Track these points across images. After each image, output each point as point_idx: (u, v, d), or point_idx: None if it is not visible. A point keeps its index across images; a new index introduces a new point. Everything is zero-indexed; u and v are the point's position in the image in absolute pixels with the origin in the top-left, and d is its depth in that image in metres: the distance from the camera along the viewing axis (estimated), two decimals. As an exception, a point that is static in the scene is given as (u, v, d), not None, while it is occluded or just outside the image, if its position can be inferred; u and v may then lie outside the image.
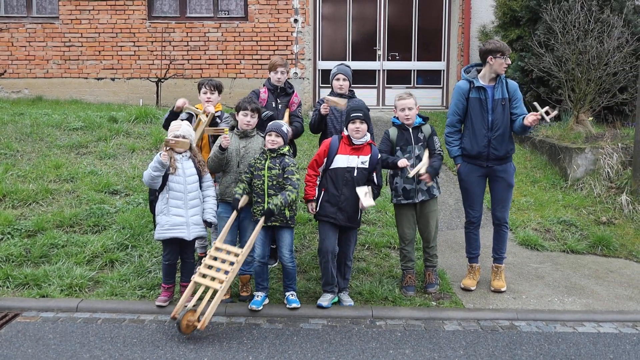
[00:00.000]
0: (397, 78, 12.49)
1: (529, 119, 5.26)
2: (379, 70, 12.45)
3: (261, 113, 5.43)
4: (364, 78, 12.23)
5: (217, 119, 5.59)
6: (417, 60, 12.49)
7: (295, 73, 11.94)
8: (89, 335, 4.64)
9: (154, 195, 5.19)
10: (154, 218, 5.19)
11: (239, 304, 5.27)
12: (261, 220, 4.97)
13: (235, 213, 5.09)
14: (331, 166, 5.22)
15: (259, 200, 5.09)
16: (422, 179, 5.27)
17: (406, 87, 12.20)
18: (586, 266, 6.35)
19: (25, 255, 5.81)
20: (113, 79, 12.08)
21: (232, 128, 5.37)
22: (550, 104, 9.64)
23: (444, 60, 12.46)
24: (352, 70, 6.03)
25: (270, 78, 5.87)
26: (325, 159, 5.25)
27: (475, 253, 5.79)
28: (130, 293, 5.33)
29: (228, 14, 12.09)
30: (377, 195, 5.41)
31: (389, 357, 4.42)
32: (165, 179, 5.00)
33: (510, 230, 6.32)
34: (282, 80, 5.84)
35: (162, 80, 11.25)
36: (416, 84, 12.47)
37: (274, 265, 5.87)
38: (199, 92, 5.64)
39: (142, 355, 4.35)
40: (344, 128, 5.33)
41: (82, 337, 4.60)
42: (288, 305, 5.12)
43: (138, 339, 4.60)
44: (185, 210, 5.03)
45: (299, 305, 5.13)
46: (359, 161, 5.20)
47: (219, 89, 5.67)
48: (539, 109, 5.25)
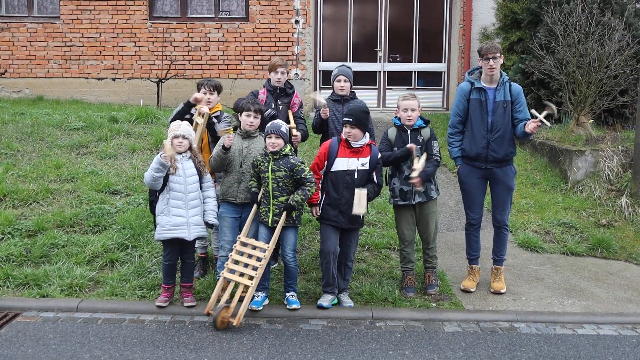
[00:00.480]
0: (398, 79, 12.49)
1: (530, 126, 5.27)
2: (380, 72, 12.46)
3: (263, 112, 5.44)
4: (364, 79, 12.23)
5: (215, 119, 5.59)
6: (418, 62, 12.49)
7: (296, 74, 11.94)
8: (89, 336, 4.64)
9: (154, 195, 5.20)
10: (154, 218, 5.20)
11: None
12: (283, 216, 5.02)
13: (255, 207, 5.15)
14: (331, 169, 5.22)
15: (264, 201, 5.11)
16: (413, 182, 5.26)
17: (407, 89, 12.17)
18: (586, 268, 6.36)
19: (26, 255, 5.81)
20: (114, 79, 12.09)
21: (235, 128, 5.38)
22: (549, 106, 9.67)
23: (445, 62, 12.46)
24: (353, 72, 6.04)
25: (270, 79, 5.87)
26: (326, 161, 5.26)
27: (475, 255, 5.79)
28: (131, 293, 5.33)
29: (229, 15, 12.09)
30: (377, 194, 5.41)
31: (388, 358, 4.42)
32: (165, 180, 5.01)
33: (510, 232, 6.32)
34: (282, 81, 5.84)
35: (163, 80, 11.24)
36: (417, 86, 12.47)
37: (274, 266, 5.87)
38: (199, 93, 5.64)
39: (142, 356, 4.36)
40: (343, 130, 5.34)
41: (82, 337, 4.61)
42: (288, 306, 5.13)
43: (138, 339, 4.60)
44: (185, 211, 5.04)
45: (299, 306, 5.14)
46: (359, 163, 5.19)
47: (218, 89, 5.67)
48: (538, 115, 5.25)
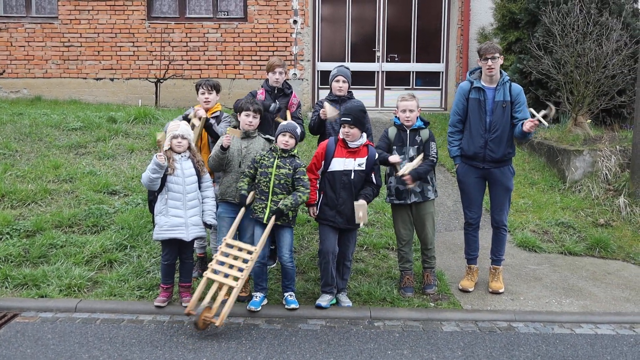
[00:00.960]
0: (396, 79, 12.50)
1: (527, 125, 5.28)
2: (378, 72, 12.46)
3: (265, 111, 5.45)
4: (362, 79, 12.23)
5: (215, 119, 5.60)
6: (416, 62, 12.49)
7: (295, 74, 11.95)
8: (87, 336, 4.64)
9: (153, 195, 5.19)
10: (153, 218, 5.20)
11: (237, 304, 5.26)
12: (272, 220, 4.98)
13: (243, 210, 5.10)
14: (328, 169, 5.22)
15: (262, 197, 5.08)
16: (404, 179, 5.28)
17: (405, 89, 12.17)
18: (584, 268, 6.37)
19: (24, 255, 5.81)
20: (112, 79, 12.08)
21: (235, 128, 5.39)
22: (549, 106, 9.69)
23: (443, 62, 12.46)
24: (351, 72, 6.04)
25: (268, 79, 5.88)
26: (323, 161, 5.26)
27: (473, 254, 5.80)
28: (129, 293, 5.33)
29: (227, 15, 12.10)
30: (377, 195, 5.42)
31: (387, 358, 4.43)
32: (164, 180, 5.01)
33: (508, 232, 6.33)
34: (280, 81, 5.84)
35: (161, 80, 11.24)
36: (415, 86, 12.48)
37: (272, 266, 5.87)
38: (197, 93, 5.66)
39: (141, 356, 4.36)
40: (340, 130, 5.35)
41: (81, 338, 4.61)
42: (287, 306, 5.13)
43: (137, 340, 4.60)
44: (184, 211, 5.04)
45: (298, 306, 5.14)
46: (356, 164, 5.20)
47: (216, 89, 5.68)
48: (536, 114, 5.27)
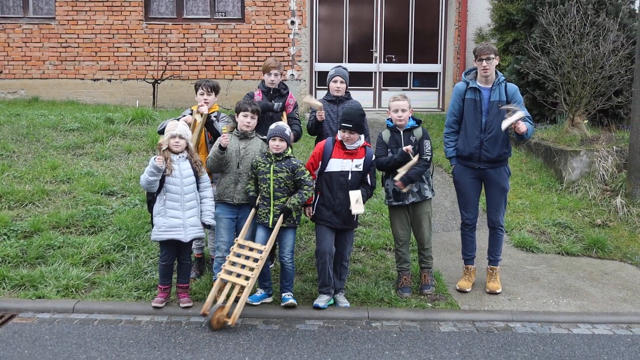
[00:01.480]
0: (394, 80, 12.52)
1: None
2: (376, 73, 12.48)
3: (269, 110, 5.45)
4: (360, 80, 12.24)
5: (214, 119, 5.60)
6: (414, 63, 12.51)
7: (292, 75, 11.95)
8: (85, 337, 4.64)
9: (151, 196, 5.18)
10: (152, 218, 5.20)
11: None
12: (280, 219, 5.02)
13: (253, 210, 5.16)
14: (325, 170, 5.23)
15: (264, 203, 5.12)
16: (396, 185, 5.29)
17: (402, 90, 12.20)
18: (581, 268, 6.38)
19: (22, 256, 5.80)
20: (109, 80, 12.07)
21: (232, 130, 5.38)
22: (546, 107, 9.71)
23: (441, 62, 12.48)
24: (349, 72, 6.05)
25: (264, 80, 5.88)
26: (320, 162, 5.27)
27: (470, 255, 5.81)
28: (127, 294, 5.33)
29: (225, 16, 12.10)
30: (370, 196, 5.43)
31: (384, 358, 4.43)
32: (162, 181, 5.01)
33: (505, 232, 6.34)
34: (276, 82, 5.83)
35: (159, 81, 11.24)
36: (412, 87, 12.49)
37: (270, 266, 5.86)
38: (196, 94, 5.67)
39: (139, 356, 4.36)
40: (338, 131, 5.34)
41: (79, 338, 4.61)
42: (282, 303, 5.11)
43: (134, 340, 4.60)
44: (182, 212, 5.04)
45: (295, 303, 5.12)
46: (353, 165, 5.20)
47: (215, 90, 5.70)
48: (508, 108, 5.24)
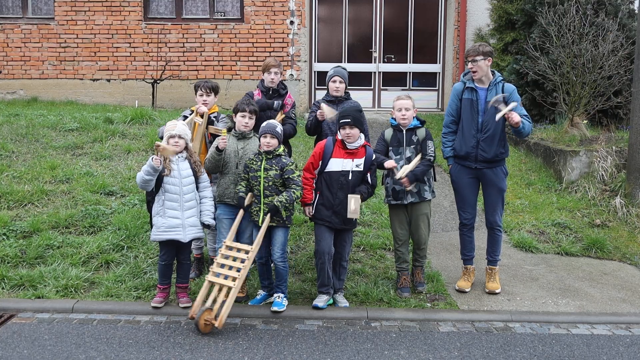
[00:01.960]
0: (393, 80, 12.52)
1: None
2: (375, 73, 12.48)
3: (268, 109, 5.44)
4: (359, 80, 12.25)
5: (214, 119, 5.61)
6: (413, 63, 12.51)
7: (291, 75, 11.96)
8: (84, 336, 4.64)
9: (151, 196, 5.18)
10: (151, 219, 5.19)
11: (235, 305, 5.26)
12: (267, 218, 5.00)
13: (242, 212, 5.12)
14: (326, 169, 5.22)
15: (255, 200, 5.10)
16: (402, 182, 5.30)
17: (402, 90, 12.22)
18: (580, 268, 6.39)
19: (21, 256, 5.80)
20: (109, 80, 12.07)
21: (230, 129, 5.38)
22: (545, 107, 9.72)
23: (440, 62, 12.49)
24: (348, 72, 6.05)
25: (263, 79, 5.88)
26: (320, 161, 5.26)
27: (469, 255, 5.81)
28: (126, 294, 5.33)
29: (224, 16, 12.10)
30: (371, 195, 5.43)
31: (384, 358, 4.44)
32: (161, 181, 5.00)
33: (504, 232, 6.35)
34: (276, 82, 5.84)
35: (158, 81, 11.24)
36: (412, 87, 12.50)
37: (269, 265, 5.85)
38: (196, 94, 5.67)
39: (138, 356, 4.36)
40: (338, 131, 5.34)
41: (78, 338, 4.60)
42: (271, 308, 5.08)
43: (134, 340, 4.60)
44: (181, 212, 5.04)
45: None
46: (354, 164, 5.20)
47: (215, 90, 5.70)
48: (495, 100, 5.24)
